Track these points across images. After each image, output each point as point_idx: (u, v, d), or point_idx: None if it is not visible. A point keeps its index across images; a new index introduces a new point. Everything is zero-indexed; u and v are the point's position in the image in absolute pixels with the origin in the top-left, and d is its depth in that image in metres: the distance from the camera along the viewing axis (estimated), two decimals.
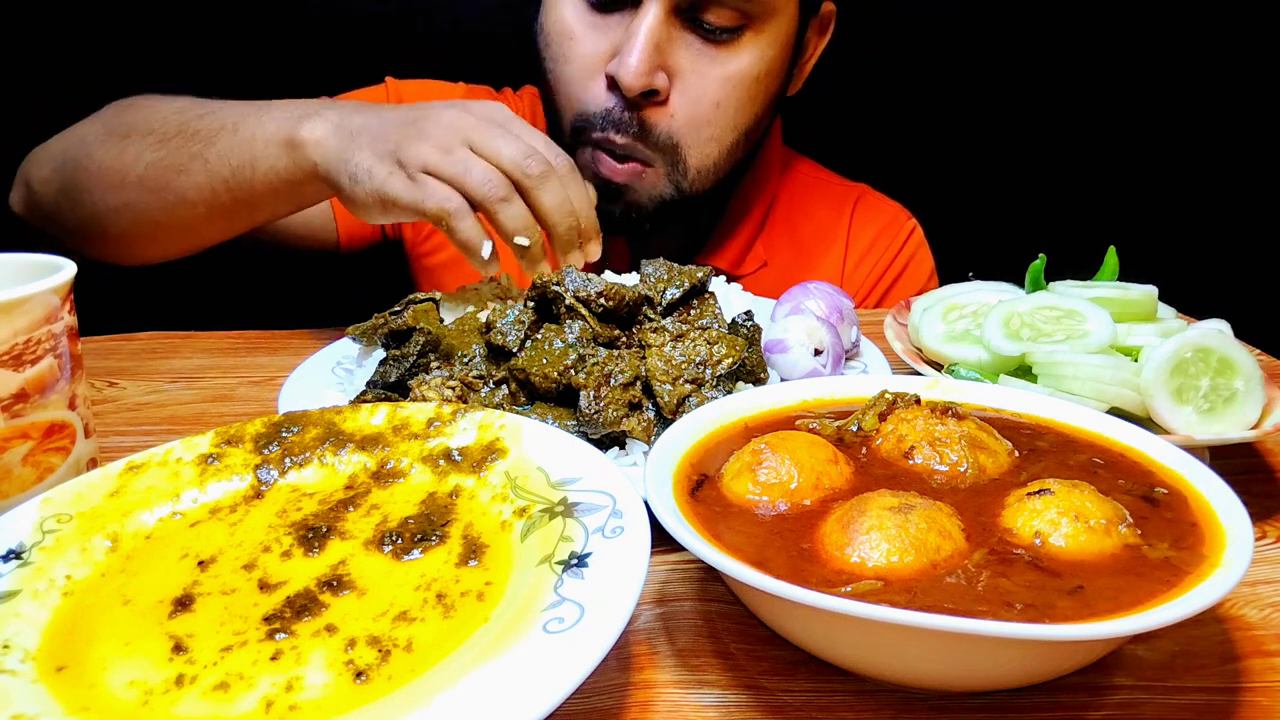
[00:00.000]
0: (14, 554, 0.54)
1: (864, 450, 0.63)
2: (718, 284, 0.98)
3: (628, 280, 0.92)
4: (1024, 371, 0.81)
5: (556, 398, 0.74)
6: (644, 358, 0.74)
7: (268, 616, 0.50)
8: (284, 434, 0.65)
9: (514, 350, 0.77)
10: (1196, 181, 1.95)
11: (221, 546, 0.57)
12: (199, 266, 1.18)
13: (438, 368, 0.78)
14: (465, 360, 0.79)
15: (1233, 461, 0.78)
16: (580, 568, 0.49)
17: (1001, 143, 1.90)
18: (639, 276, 0.86)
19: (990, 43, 1.87)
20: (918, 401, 0.65)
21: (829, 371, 0.85)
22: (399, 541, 0.56)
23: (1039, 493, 0.53)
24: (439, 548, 0.55)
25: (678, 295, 0.82)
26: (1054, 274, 0.94)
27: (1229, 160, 1.95)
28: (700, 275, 0.84)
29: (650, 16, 1.06)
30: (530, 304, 0.81)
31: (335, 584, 0.52)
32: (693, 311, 0.83)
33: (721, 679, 0.53)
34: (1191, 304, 0.94)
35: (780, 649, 0.55)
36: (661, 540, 0.54)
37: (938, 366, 0.85)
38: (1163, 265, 1.06)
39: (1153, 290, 0.85)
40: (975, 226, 1.77)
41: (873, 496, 0.53)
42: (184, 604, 0.51)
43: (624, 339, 0.80)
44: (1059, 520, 0.51)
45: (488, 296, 0.95)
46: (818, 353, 0.84)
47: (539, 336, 0.77)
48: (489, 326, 0.79)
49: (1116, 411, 0.73)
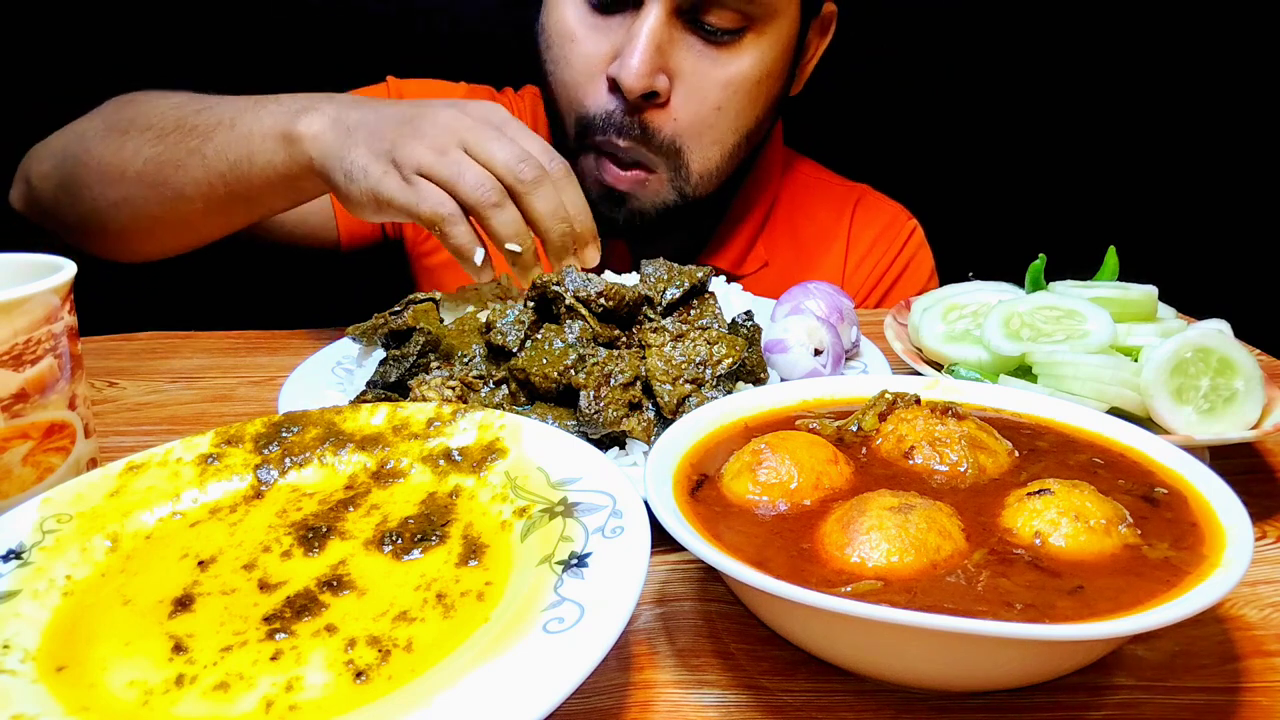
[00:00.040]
0: (14, 554, 0.54)
1: (864, 450, 0.63)
2: (718, 284, 0.97)
3: (628, 280, 0.92)
4: (1024, 371, 0.81)
5: (556, 398, 0.74)
6: (644, 358, 0.74)
7: (268, 616, 0.50)
8: (284, 434, 0.65)
9: (514, 350, 0.77)
10: (1196, 181, 1.95)
11: (221, 546, 0.57)
12: (199, 266, 1.18)
13: (438, 368, 0.78)
14: (465, 360, 0.79)
15: (1233, 461, 0.78)
16: (580, 568, 0.49)
17: (1001, 143, 1.90)
18: (639, 276, 0.86)
19: (991, 43, 1.87)
20: (918, 401, 0.65)
21: (829, 371, 0.85)
22: (399, 541, 0.56)
23: (1039, 493, 0.53)
24: (439, 548, 0.55)
25: (678, 295, 0.82)
26: (1054, 274, 0.94)
27: (1229, 160, 1.95)
28: (700, 275, 0.84)
29: (651, 18, 1.05)
30: (530, 304, 0.81)
31: (335, 584, 0.52)
32: (693, 311, 0.83)
33: (721, 679, 0.53)
34: (1191, 304, 0.94)
35: (780, 649, 0.55)
36: (661, 540, 0.54)
37: (938, 366, 0.85)
38: (1163, 265, 1.06)
39: (1153, 290, 0.85)
40: (975, 226, 1.77)
41: (873, 496, 0.53)
42: (184, 604, 0.51)
43: (624, 339, 0.80)
44: (1059, 520, 0.51)
45: (488, 296, 0.95)
46: (818, 353, 0.84)
47: (539, 336, 0.77)
48: (489, 326, 0.79)
49: (1116, 411, 0.73)
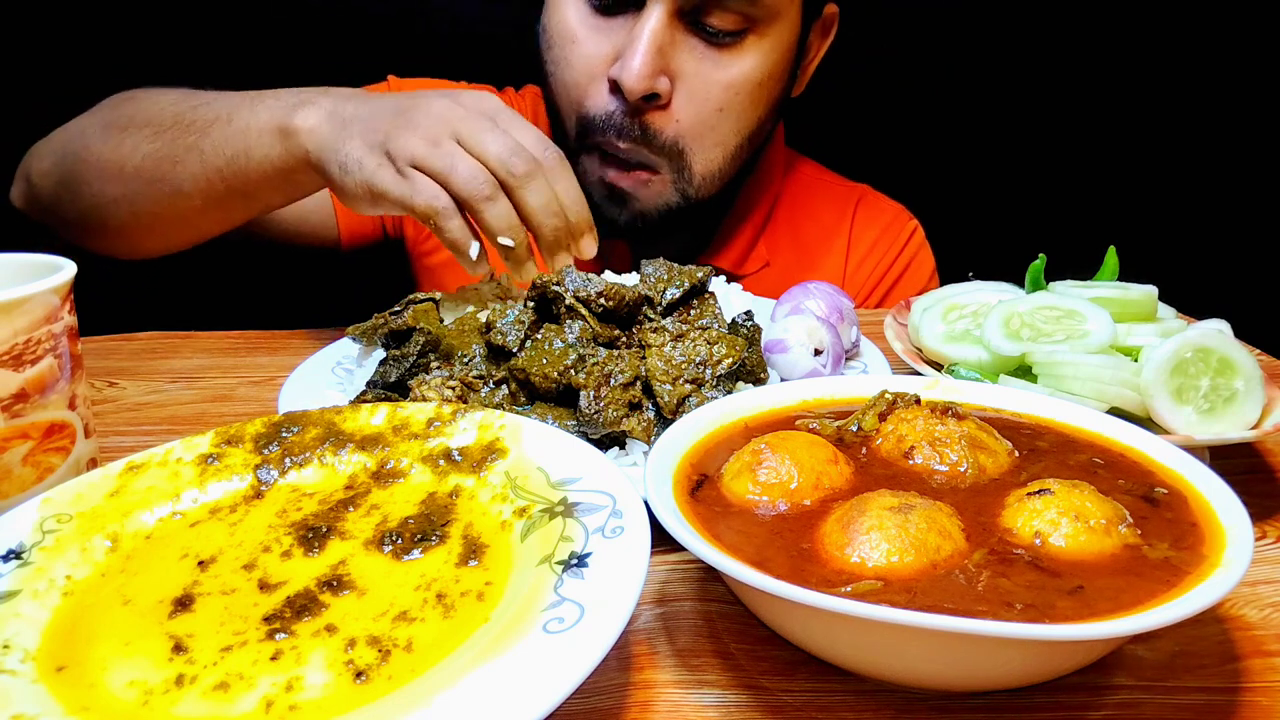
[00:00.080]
0: (14, 554, 0.54)
1: (864, 450, 0.63)
2: (717, 284, 0.97)
3: (628, 280, 0.92)
4: (1024, 371, 0.81)
5: (556, 398, 0.74)
6: (644, 358, 0.74)
7: (268, 616, 0.50)
8: (284, 434, 0.65)
9: (514, 350, 0.77)
10: (1196, 181, 1.94)
11: (221, 546, 0.57)
12: (199, 265, 1.18)
13: (438, 368, 0.78)
14: (465, 360, 0.79)
15: (1233, 461, 0.78)
16: (580, 568, 0.49)
17: (1001, 143, 1.90)
18: (639, 276, 0.86)
19: (991, 44, 1.87)
20: (918, 401, 0.65)
21: (829, 371, 0.85)
22: (399, 541, 0.56)
23: (1039, 493, 0.53)
24: (439, 548, 0.55)
25: (678, 295, 0.82)
26: (1054, 274, 0.94)
27: (1229, 160, 1.94)
28: (700, 275, 0.84)
29: (653, 19, 1.05)
30: (530, 304, 0.81)
31: (335, 584, 0.52)
32: (693, 311, 0.83)
33: (721, 679, 0.53)
34: (1191, 304, 0.94)
35: (780, 649, 0.55)
36: (661, 540, 0.54)
37: (938, 366, 0.85)
38: (1163, 265, 1.06)
39: (1153, 290, 0.85)
40: (975, 226, 1.77)
41: (873, 496, 0.53)
42: (184, 604, 0.51)
43: (624, 339, 0.80)
44: (1059, 520, 0.51)
45: (488, 296, 0.95)
46: (818, 353, 0.84)
47: (539, 336, 0.77)
48: (489, 326, 0.79)
49: (1116, 411, 0.73)
